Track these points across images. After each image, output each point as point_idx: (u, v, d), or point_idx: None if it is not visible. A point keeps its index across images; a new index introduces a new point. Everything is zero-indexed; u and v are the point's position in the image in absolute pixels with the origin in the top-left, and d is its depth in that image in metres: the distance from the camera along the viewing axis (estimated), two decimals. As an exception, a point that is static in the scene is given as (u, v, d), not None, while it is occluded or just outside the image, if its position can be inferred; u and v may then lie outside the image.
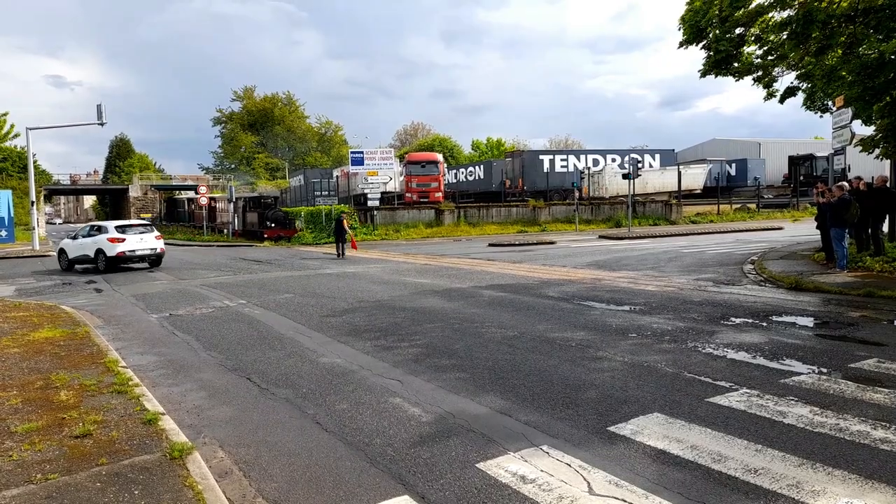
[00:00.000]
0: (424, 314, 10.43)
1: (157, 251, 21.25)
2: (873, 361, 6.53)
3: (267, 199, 39.01)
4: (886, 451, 4.31)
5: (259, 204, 38.15)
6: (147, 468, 4.30)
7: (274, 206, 37.78)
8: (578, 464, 4.28)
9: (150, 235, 21.21)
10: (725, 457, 4.30)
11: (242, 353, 8.07)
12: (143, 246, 20.73)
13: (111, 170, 78.09)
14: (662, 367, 6.65)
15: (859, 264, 13.26)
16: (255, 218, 36.76)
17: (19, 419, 5.35)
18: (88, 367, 7.11)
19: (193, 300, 13.17)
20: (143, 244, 20.73)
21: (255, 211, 37.17)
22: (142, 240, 20.76)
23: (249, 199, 40.16)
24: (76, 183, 76.23)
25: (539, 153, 48.16)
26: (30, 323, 10.14)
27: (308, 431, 5.19)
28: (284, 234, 34.57)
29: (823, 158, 38.97)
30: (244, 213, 39.02)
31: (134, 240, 20.54)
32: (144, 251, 20.76)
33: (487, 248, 26.35)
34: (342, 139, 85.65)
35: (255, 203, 39.01)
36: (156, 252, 21.18)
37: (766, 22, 14.91)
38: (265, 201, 38.47)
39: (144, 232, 21.26)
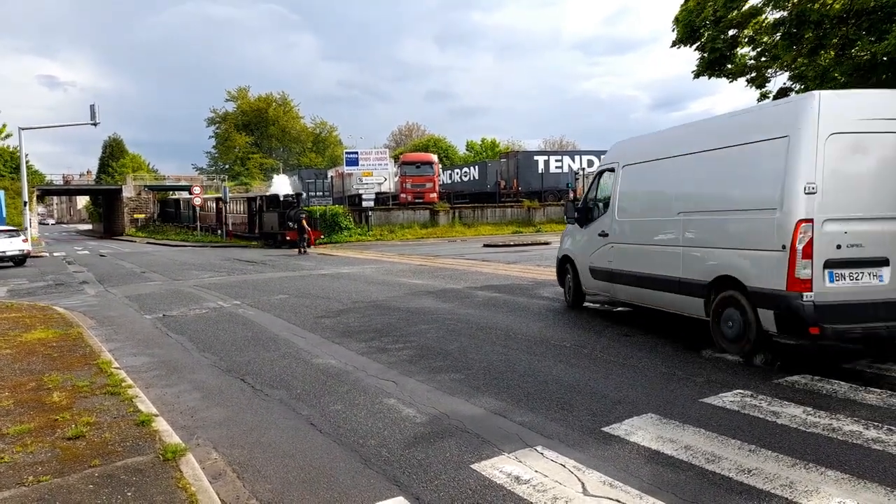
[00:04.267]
0: (419, 315, 10.42)
1: (24, 252, 25.43)
2: (866, 362, 6.57)
3: (288, 198, 33.61)
4: (878, 450, 4.33)
5: (279, 203, 33.32)
6: (140, 470, 4.28)
7: (296, 205, 32.73)
8: (573, 464, 4.28)
9: (17, 239, 25.37)
10: (719, 457, 4.31)
11: (236, 354, 8.04)
12: (12, 248, 24.78)
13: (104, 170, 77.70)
14: (656, 367, 6.66)
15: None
16: (274, 219, 32.74)
17: (11, 421, 5.32)
18: (81, 369, 7.07)
19: (187, 301, 13.12)
20: (12, 246, 24.81)
21: (275, 211, 33.00)
22: (11, 242, 24.88)
23: (267, 198, 35.08)
24: (69, 183, 75.87)
25: (534, 154, 48.23)
26: (22, 324, 10.09)
27: (302, 432, 5.17)
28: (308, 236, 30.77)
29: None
30: (260, 214, 35.33)
31: (4, 243, 24.67)
32: (13, 252, 24.81)
33: (482, 248, 26.36)
34: (337, 140, 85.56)
35: (273, 202, 34.16)
36: (22, 253, 25.25)
37: (759, 23, 14.97)
38: (286, 200, 33.38)
39: (13, 236, 25.50)
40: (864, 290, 6.14)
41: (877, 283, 6.13)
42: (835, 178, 6.04)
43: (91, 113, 33.13)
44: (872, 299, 6.12)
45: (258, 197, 36.46)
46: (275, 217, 32.65)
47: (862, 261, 6.12)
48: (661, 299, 8.30)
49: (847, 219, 6.08)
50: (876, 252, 6.13)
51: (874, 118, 6.15)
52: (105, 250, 35.31)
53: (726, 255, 6.99)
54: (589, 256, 9.92)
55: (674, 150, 8.16)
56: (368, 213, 36.48)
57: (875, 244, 6.13)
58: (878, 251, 6.13)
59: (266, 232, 34.04)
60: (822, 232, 6.02)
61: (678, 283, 7.76)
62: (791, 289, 6.08)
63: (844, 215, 6.07)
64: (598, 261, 9.62)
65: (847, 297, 6.10)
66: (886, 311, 6.11)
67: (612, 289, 9.47)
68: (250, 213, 37.39)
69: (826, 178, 6.01)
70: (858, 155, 6.15)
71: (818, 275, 6.04)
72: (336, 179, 43.82)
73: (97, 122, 33.36)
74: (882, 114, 6.17)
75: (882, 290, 6.13)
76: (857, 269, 6.12)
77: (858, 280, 6.14)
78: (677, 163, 7.99)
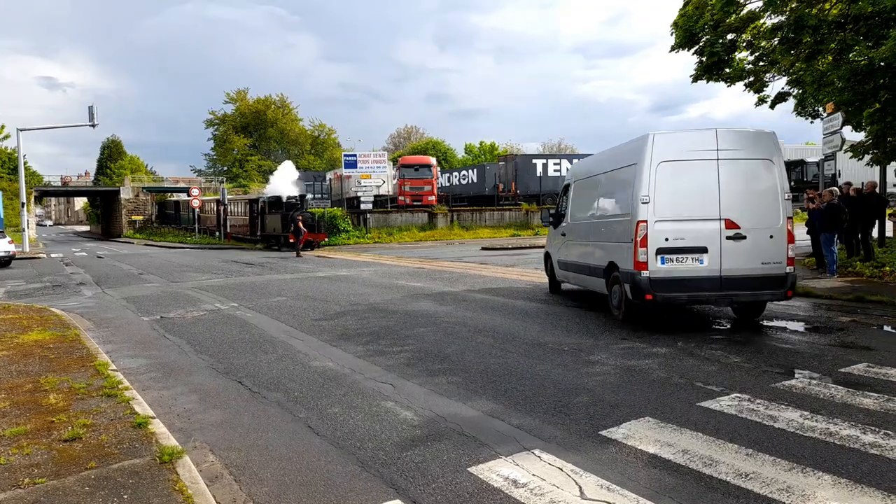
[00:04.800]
0: (417, 318, 10.42)
1: (10, 254, 25.25)
2: (863, 366, 6.57)
3: (291, 199, 32.66)
4: (875, 455, 4.33)
5: (281, 205, 32.42)
6: (136, 472, 4.26)
7: (300, 207, 32.04)
8: (570, 468, 4.28)
9: (3, 241, 25.13)
10: (716, 461, 4.31)
11: (234, 357, 8.03)
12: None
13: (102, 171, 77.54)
14: (654, 371, 6.67)
15: (849, 269, 13.34)
16: (277, 221, 31.98)
17: (7, 422, 5.30)
18: (78, 371, 7.05)
19: (185, 303, 13.10)
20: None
21: (278, 213, 32.17)
22: None
23: (269, 200, 33.84)
24: (67, 185, 75.82)
25: (532, 157, 48.23)
26: (19, 325, 10.06)
27: (299, 435, 5.17)
28: (314, 239, 30.69)
29: (814, 164, 39.19)
30: (262, 216, 34.45)
31: None
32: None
33: (480, 251, 26.36)
34: (335, 142, 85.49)
35: (276, 204, 33.09)
36: (8, 254, 25.06)
37: (757, 28, 15.03)
38: (290, 201, 32.41)
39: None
40: (687, 269, 8.39)
41: (698, 265, 8.39)
42: (664, 191, 8.34)
43: (89, 114, 33.11)
44: (695, 276, 8.37)
45: (260, 199, 35.31)
46: (277, 219, 32.02)
47: (685, 249, 8.39)
48: (587, 282, 10.94)
49: (672, 220, 8.36)
50: (696, 243, 8.35)
51: (689, 149, 8.50)
52: (103, 252, 35.26)
53: (612, 248, 9.44)
54: (557, 251, 12.48)
55: (596, 169, 10.83)
56: (367, 215, 36.46)
57: (695, 238, 8.35)
58: (697, 242, 8.35)
59: (268, 234, 33.48)
60: (654, 229, 8.34)
61: (593, 268, 10.32)
62: (635, 268, 8.49)
63: (669, 216, 8.36)
64: (561, 254, 12.14)
65: (674, 274, 8.38)
66: (708, 284, 8.37)
67: (568, 276, 12.00)
68: (252, 215, 36.66)
69: (657, 191, 8.34)
70: (680, 174, 8.40)
71: (652, 258, 8.37)
72: (335, 182, 43.80)
73: (95, 123, 33.34)
74: (695, 146, 8.50)
75: (702, 270, 8.36)
76: (681, 255, 8.40)
77: (682, 262, 8.40)
78: (596, 179, 10.65)
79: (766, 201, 8.49)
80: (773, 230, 8.41)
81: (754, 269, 8.39)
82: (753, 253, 8.38)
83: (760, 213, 8.45)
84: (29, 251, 32.16)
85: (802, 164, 43.27)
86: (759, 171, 8.56)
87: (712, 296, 8.47)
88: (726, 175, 8.38)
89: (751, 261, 8.38)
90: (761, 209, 8.47)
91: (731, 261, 8.34)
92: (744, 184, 8.52)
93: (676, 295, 8.49)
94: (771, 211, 8.47)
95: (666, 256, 8.38)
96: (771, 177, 8.53)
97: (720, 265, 8.33)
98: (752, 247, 8.36)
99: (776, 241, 8.41)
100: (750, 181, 8.56)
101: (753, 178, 8.57)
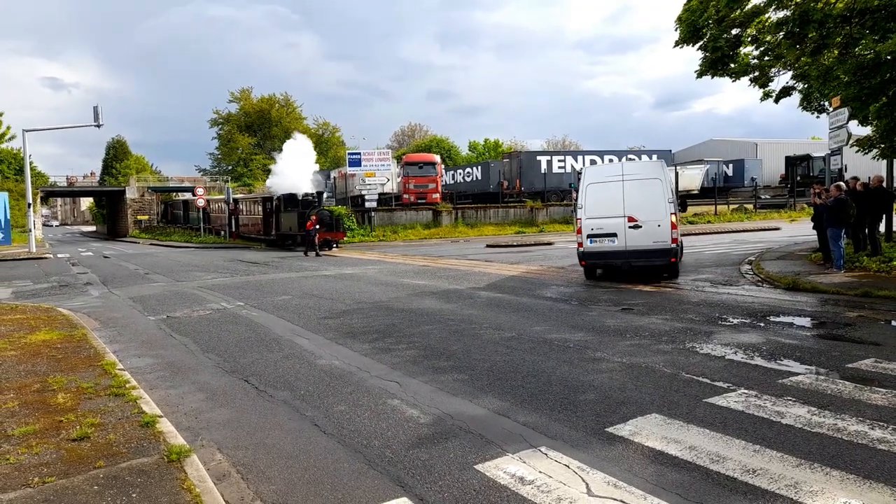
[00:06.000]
0: (422, 316, 10.42)
1: None
2: (871, 361, 6.55)
3: (308, 197, 31.06)
4: (884, 450, 4.32)
5: (297, 202, 30.83)
6: (145, 471, 4.29)
7: (317, 204, 30.56)
8: (577, 465, 4.27)
9: None
10: (724, 457, 4.30)
11: (240, 356, 8.06)
12: None
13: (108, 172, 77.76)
14: (660, 367, 6.65)
15: (856, 264, 13.28)
16: (293, 220, 30.40)
17: (16, 422, 5.33)
18: (86, 370, 7.09)
19: (191, 302, 13.14)
20: None
21: (294, 211, 30.53)
22: None
23: (285, 197, 32.00)
24: (73, 185, 76.02)
25: (536, 154, 48.16)
26: (27, 325, 10.11)
27: (306, 433, 5.18)
28: (333, 238, 29.06)
29: (820, 159, 39.00)
30: (277, 214, 32.73)
31: None
32: None
33: (485, 249, 26.34)
34: (339, 140, 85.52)
35: (291, 201, 31.42)
36: None
37: (762, 22, 14.93)
38: (306, 199, 30.84)
39: None
40: (605, 247, 13.47)
41: (611, 244, 13.40)
42: (591, 201, 13.55)
43: (94, 114, 33.19)
44: (608, 250, 13.45)
45: (274, 196, 33.33)
46: (293, 217, 30.46)
47: (602, 234, 13.44)
48: None
49: (594, 217, 13.43)
50: (609, 231, 13.33)
51: (606, 175, 13.88)
52: (109, 252, 35.40)
53: None
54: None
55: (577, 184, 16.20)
56: (371, 213, 36.48)
57: (609, 227, 13.32)
58: (610, 230, 13.33)
59: (283, 233, 32.15)
60: (585, 224, 13.55)
61: None
62: (578, 247, 13.94)
63: (593, 216, 13.46)
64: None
65: (596, 249, 13.59)
66: (617, 255, 13.41)
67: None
68: (265, 214, 35.21)
69: (587, 201, 13.59)
70: (601, 191, 13.49)
71: (584, 240, 13.63)
72: (339, 180, 43.83)
73: (100, 123, 33.39)
74: (609, 173, 14.01)
75: (614, 247, 13.36)
76: (600, 238, 13.48)
77: (602, 243, 13.47)
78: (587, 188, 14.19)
79: (655, 204, 13.05)
80: (661, 221, 12.99)
81: (647, 245, 13.15)
82: (647, 236, 13.11)
83: (651, 211, 13.06)
84: (35, 251, 32.29)
85: (808, 158, 43.09)
86: (650, 186, 13.17)
87: (618, 262, 13.60)
88: (628, 189, 13.23)
89: (645, 240, 13.15)
90: (651, 209, 13.07)
91: (633, 241, 13.22)
92: (639, 194, 13.15)
93: (597, 262, 14.02)
94: (659, 210, 13.02)
95: (593, 239, 13.59)
96: (658, 189, 13.11)
97: (625, 243, 13.29)
98: (645, 232, 13.11)
99: (663, 228, 12.98)
100: (644, 192, 13.14)
101: (646, 190, 13.14)
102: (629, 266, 13.54)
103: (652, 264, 13.47)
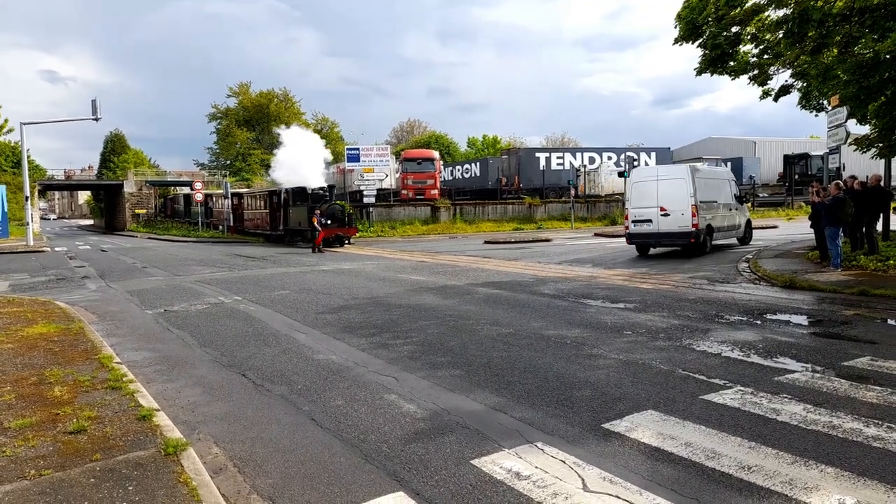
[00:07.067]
0: (420, 311, 10.43)
1: None
2: (866, 359, 6.57)
3: (318, 191, 29.87)
4: (878, 448, 4.34)
5: (306, 196, 29.65)
6: (141, 464, 4.29)
7: (328, 198, 29.52)
8: (573, 460, 4.29)
9: None
10: (719, 454, 4.32)
11: (237, 350, 8.06)
12: None
13: (106, 165, 77.56)
14: (657, 364, 6.67)
15: (853, 263, 13.31)
16: (302, 215, 29.13)
17: (13, 415, 5.33)
18: (83, 363, 7.08)
19: (188, 296, 13.14)
20: None
21: (303, 205, 29.21)
22: None
23: (293, 191, 30.79)
24: (71, 178, 75.76)
25: (535, 151, 48.15)
26: (24, 318, 10.10)
27: (303, 428, 5.19)
28: (345, 234, 28.19)
29: (818, 157, 39.08)
30: (286, 209, 31.59)
31: None
32: None
33: (483, 245, 26.35)
34: (338, 136, 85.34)
35: (300, 195, 30.24)
36: None
37: (762, 21, 14.93)
38: (316, 193, 29.68)
39: None
40: (643, 230, 17.89)
41: (647, 227, 17.74)
42: (634, 196, 18.18)
43: (92, 108, 33.06)
44: (646, 232, 17.85)
45: (282, 190, 32.02)
46: (303, 212, 29.09)
47: (641, 220, 17.85)
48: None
49: (636, 208, 17.95)
50: (647, 217, 17.68)
51: (645, 176, 18.77)
52: (106, 245, 35.35)
53: None
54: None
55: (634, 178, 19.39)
56: (370, 209, 36.45)
57: (646, 216, 17.67)
58: (647, 217, 17.67)
59: (292, 229, 31.03)
60: (630, 212, 18.20)
61: None
62: (624, 230, 19.10)
63: (637, 206, 17.90)
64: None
65: (637, 231, 18.11)
66: (652, 236, 17.90)
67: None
68: (272, 208, 33.80)
69: (632, 195, 18.35)
70: (642, 188, 18.00)
71: (630, 225, 18.25)
72: (337, 175, 43.77)
73: (98, 117, 33.26)
74: (647, 174, 18.89)
75: (650, 229, 17.68)
76: (640, 223, 17.92)
77: (641, 227, 17.91)
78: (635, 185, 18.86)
79: (680, 198, 17.08)
80: (684, 211, 17.04)
81: (674, 229, 17.33)
82: (673, 221, 17.26)
83: (677, 203, 17.11)
84: (33, 244, 32.24)
85: (806, 157, 43.12)
86: (677, 184, 17.30)
87: (652, 241, 18.26)
88: (661, 187, 17.57)
89: (672, 225, 17.30)
90: (677, 202, 17.10)
91: (663, 225, 17.47)
92: (668, 190, 17.39)
93: (637, 241, 18.62)
94: (683, 202, 17.01)
95: (635, 224, 18.18)
96: (683, 187, 17.12)
97: (658, 227, 17.58)
98: (673, 219, 17.27)
99: (685, 216, 17.04)
100: (672, 189, 17.31)
101: (674, 187, 17.30)
102: (659, 244, 18.31)
103: (676, 243, 17.77)
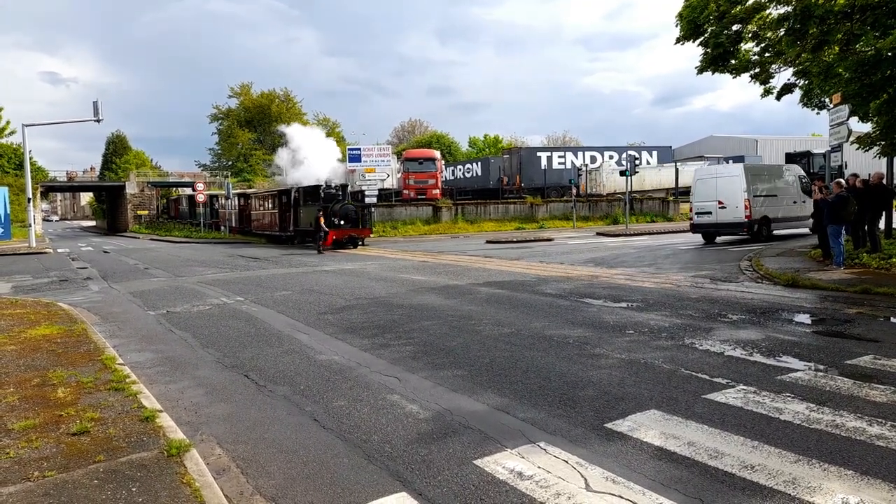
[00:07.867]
0: (422, 311, 10.43)
1: None
2: (869, 358, 6.56)
3: (331, 190, 28.70)
4: (882, 447, 4.33)
5: (319, 196, 28.35)
6: (144, 465, 4.30)
7: (341, 197, 28.36)
8: (576, 460, 4.28)
9: None
10: (722, 453, 4.31)
11: (240, 351, 8.06)
12: None
13: (108, 167, 77.75)
14: (659, 363, 6.66)
15: (856, 261, 13.29)
16: (313, 215, 27.42)
17: (16, 416, 5.34)
18: (85, 365, 7.09)
19: (191, 297, 13.15)
20: None
21: (315, 205, 27.85)
22: None
23: (304, 190, 29.66)
24: (73, 180, 75.93)
25: (536, 150, 48.16)
26: (26, 320, 10.12)
27: (306, 428, 5.19)
28: (359, 235, 27.50)
29: (820, 155, 38.89)
30: (296, 209, 30.34)
31: None
32: None
33: (485, 245, 26.35)
34: (339, 136, 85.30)
35: (312, 194, 28.99)
36: None
37: (763, 18, 14.91)
38: (329, 192, 28.45)
39: None
40: (704, 220, 22.04)
41: (708, 218, 21.81)
42: (697, 190, 22.55)
43: (94, 109, 33.10)
44: (707, 222, 21.95)
45: (292, 189, 30.80)
46: (315, 212, 27.55)
47: (703, 212, 21.99)
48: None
49: (700, 201, 22.19)
50: (707, 210, 21.74)
51: (706, 174, 23.41)
52: (109, 247, 35.40)
53: None
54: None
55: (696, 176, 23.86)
56: (371, 209, 36.43)
57: (707, 208, 21.76)
58: (708, 209, 21.74)
59: (303, 229, 29.74)
60: (695, 204, 22.54)
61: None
62: (689, 220, 24.06)
63: (699, 200, 22.25)
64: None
65: (699, 222, 22.31)
66: (712, 225, 21.85)
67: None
68: (281, 209, 32.56)
69: (696, 190, 22.68)
70: (703, 184, 22.33)
71: (694, 216, 22.62)
72: (342, 175, 43.78)
73: (100, 118, 33.32)
74: (708, 173, 23.61)
75: (710, 220, 21.75)
76: (702, 214, 22.09)
77: (703, 217, 22.07)
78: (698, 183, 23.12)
79: (735, 192, 20.50)
80: (738, 204, 20.35)
81: (730, 219, 20.71)
82: (730, 213, 20.63)
83: (732, 197, 20.52)
84: (35, 246, 32.29)
85: (808, 155, 42.90)
86: (733, 180, 20.77)
87: (711, 230, 21.81)
88: (719, 183, 21.25)
89: (729, 216, 20.72)
90: (733, 196, 20.52)
91: (721, 216, 20.98)
92: (725, 186, 20.81)
93: (699, 231, 22.28)
94: (738, 197, 20.38)
95: (697, 215, 22.01)
96: (738, 183, 20.58)
97: (716, 218, 21.14)
98: (729, 211, 20.62)
99: (740, 208, 20.29)
100: (728, 184, 20.80)
101: (730, 184, 20.79)
102: (718, 233, 21.83)
103: (733, 233, 21.25)
